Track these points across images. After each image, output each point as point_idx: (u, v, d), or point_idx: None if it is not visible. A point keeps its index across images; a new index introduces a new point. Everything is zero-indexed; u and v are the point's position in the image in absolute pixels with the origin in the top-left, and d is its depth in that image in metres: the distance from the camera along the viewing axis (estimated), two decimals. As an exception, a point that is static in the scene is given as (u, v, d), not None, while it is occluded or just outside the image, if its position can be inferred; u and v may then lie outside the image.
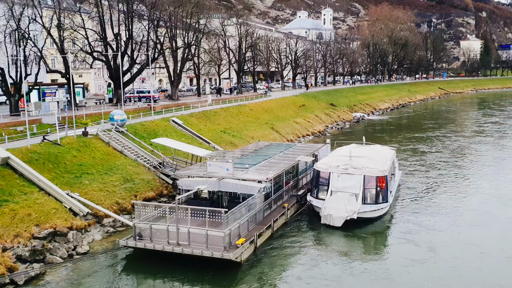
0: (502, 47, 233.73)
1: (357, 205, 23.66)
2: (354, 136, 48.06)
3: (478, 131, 59.58)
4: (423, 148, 46.94)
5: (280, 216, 23.57)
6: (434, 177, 34.19)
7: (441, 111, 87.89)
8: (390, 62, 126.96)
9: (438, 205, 27.22)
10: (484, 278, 17.99)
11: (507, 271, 18.49)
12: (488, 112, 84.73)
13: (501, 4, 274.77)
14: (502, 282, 17.61)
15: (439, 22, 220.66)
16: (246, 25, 73.39)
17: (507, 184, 31.83)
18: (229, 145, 39.35)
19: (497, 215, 25.25)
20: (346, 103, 76.55)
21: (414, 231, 23.09)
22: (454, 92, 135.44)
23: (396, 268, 19.00)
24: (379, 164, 25.95)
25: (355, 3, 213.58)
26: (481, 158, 41.93)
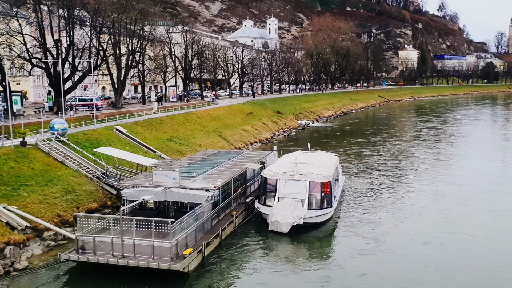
0: (437, 57, 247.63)
1: (303, 211, 24.09)
2: (300, 143, 49.06)
3: (416, 136, 63.04)
4: (365, 152, 48.89)
5: (228, 224, 23.56)
6: (376, 178, 36.12)
7: (381, 118, 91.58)
8: (333, 71, 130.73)
9: (380, 203, 29.10)
10: (422, 261, 20.14)
11: (441, 255, 20.80)
12: (425, 118, 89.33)
13: (435, 17, 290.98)
14: (437, 263, 19.85)
15: (379, 32, 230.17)
16: (192, 33, 73.15)
17: (441, 182, 35.00)
18: (175, 153, 38.89)
19: (432, 208, 27.98)
20: (292, 111, 77.95)
21: (358, 230, 24.31)
22: (393, 100, 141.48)
23: (341, 265, 20.19)
24: (324, 170, 26.64)
25: (299, 14, 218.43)
26: (419, 160, 44.95)
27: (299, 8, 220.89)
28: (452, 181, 35.25)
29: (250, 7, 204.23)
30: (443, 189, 32.77)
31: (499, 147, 54.74)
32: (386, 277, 18.80)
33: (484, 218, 26.02)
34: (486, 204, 28.75)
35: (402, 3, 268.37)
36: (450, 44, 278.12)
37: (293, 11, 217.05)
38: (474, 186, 33.55)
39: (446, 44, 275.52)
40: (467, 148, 52.86)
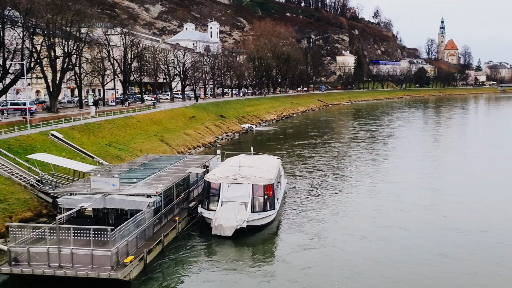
0: (372, 62, 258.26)
1: (247, 214, 24.27)
2: (243, 146, 49.43)
3: (353, 138, 65.56)
4: (307, 153, 50.28)
5: (171, 230, 23.27)
6: (317, 178, 37.49)
7: (321, 121, 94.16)
8: (274, 76, 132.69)
9: (321, 202, 30.34)
10: (361, 254, 21.67)
11: (378, 247, 22.35)
12: (362, 121, 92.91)
13: (371, 23, 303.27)
14: (375, 255, 21.41)
15: (318, 38, 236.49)
16: (132, 35, 71.53)
17: (376, 180, 37.15)
18: (115, 159, 37.82)
19: (368, 205, 29.75)
20: (235, 115, 78.26)
21: (300, 228, 25.25)
22: (332, 104, 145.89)
23: (285, 261, 21.10)
24: (266, 173, 27.01)
25: (240, 18, 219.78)
26: (356, 160, 47.02)
27: (240, 13, 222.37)
28: (387, 180, 37.38)
29: (191, 10, 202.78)
30: (378, 187, 34.79)
31: (430, 148, 58.26)
32: (328, 269, 20.02)
33: (416, 213, 27.97)
34: (418, 200, 30.86)
35: (340, 10, 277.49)
36: (384, 50, 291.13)
37: (234, 15, 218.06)
38: (407, 184, 35.71)
39: (381, 50, 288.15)
40: (401, 148, 55.77)
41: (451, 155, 51.35)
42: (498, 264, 20.37)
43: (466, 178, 38.02)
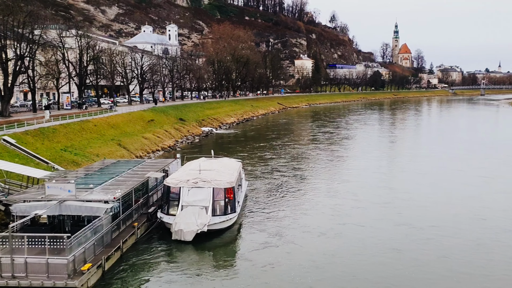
0: (329, 66, 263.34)
1: (207, 218, 24.15)
2: (203, 149, 49.21)
3: (312, 139, 66.99)
4: (267, 155, 50.86)
5: (129, 236, 22.88)
6: (277, 179, 38.24)
7: (281, 124, 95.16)
8: (234, 79, 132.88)
9: (281, 202, 31.11)
10: (320, 250, 22.73)
11: (336, 243, 23.60)
12: (320, 123, 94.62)
13: (327, 28, 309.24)
14: (333, 251, 22.55)
15: (276, 42, 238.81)
16: (87, 37, 69.76)
17: (334, 180, 38.52)
18: (71, 164, 36.77)
19: (327, 203, 30.90)
20: (195, 118, 77.80)
21: (262, 227, 25.80)
22: (291, 107, 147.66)
23: (247, 259, 21.69)
24: (227, 176, 27.00)
25: (199, 21, 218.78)
26: (315, 161, 48.22)
27: (199, 16, 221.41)
28: (344, 179, 38.72)
29: (148, 12, 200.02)
30: (336, 186, 36.10)
31: (385, 148, 60.29)
32: (289, 265, 20.78)
33: (371, 210, 29.20)
34: (373, 198, 32.17)
35: (297, 14, 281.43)
36: (341, 54, 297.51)
37: (193, 18, 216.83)
38: (363, 183, 37.07)
39: (338, 54, 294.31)
40: (358, 149, 57.46)
41: (405, 155, 53.43)
42: (446, 256, 21.62)
43: (418, 176, 39.83)
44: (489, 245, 22.95)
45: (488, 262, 20.99)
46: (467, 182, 37.29)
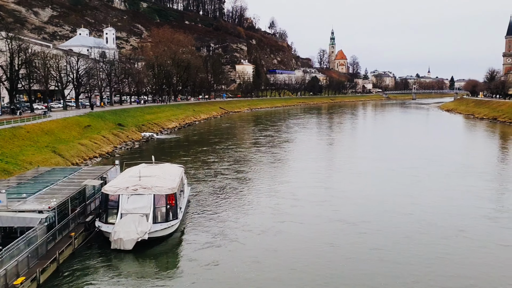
0: (270, 71, 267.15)
1: (148, 225, 23.74)
2: (144, 155, 48.35)
3: (254, 143, 68.02)
4: (210, 159, 51.00)
5: (66, 247, 22.07)
6: (221, 182, 38.74)
7: (223, 128, 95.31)
8: (175, 83, 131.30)
9: (224, 203, 31.70)
10: (261, 246, 23.89)
11: (277, 240, 24.77)
12: (262, 127, 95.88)
13: (267, 34, 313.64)
14: (274, 247, 23.73)
15: (217, 47, 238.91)
16: (19, 40, 66.28)
17: (275, 181, 39.76)
18: (1, 173, 34.80)
19: (267, 203, 32.02)
20: (134, 123, 76.09)
21: (205, 229, 26.23)
22: (233, 112, 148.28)
23: (191, 259, 22.23)
24: (168, 182, 26.65)
25: (137, 24, 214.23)
26: (257, 163, 49.21)
27: (138, 19, 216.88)
28: (284, 180, 40.08)
29: (84, 15, 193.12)
30: (276, 187, 37.40)
31: (323, 150, 62.38)
32: (232, 262, 21.61)
33: (309, 208, 30.63)
34: (311, 197, 33.61)
35: (237, 20, 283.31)
36: (280, 60, 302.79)
37: (131, 22, 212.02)
38: (302, 183, 38.56)
39: (277, 60, 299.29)
40: (297, 151, 59.24)
41: (342, 156, 55.60)
42: (377, 249, 23.16)
43: (353, 176, 41.96)
44: (417, 237, 24.86)
45: (415, 253, 22.65)
46: (398, 181, 39.72)
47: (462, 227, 26.50)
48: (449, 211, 29.67)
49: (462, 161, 50.47)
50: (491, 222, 27.55)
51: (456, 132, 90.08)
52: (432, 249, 23.10)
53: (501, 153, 59.40)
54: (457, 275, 20.17)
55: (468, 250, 23.12)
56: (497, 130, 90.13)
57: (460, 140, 75.64)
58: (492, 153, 58.18)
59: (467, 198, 33.30)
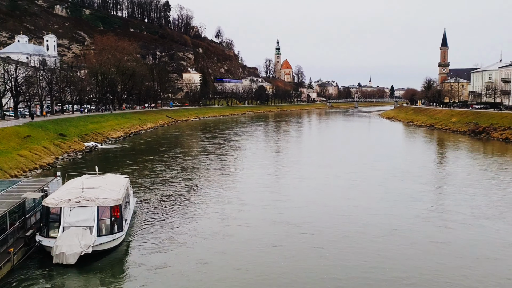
0: (217, 80, 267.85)
1: (92, 239, 23.17)
2: (87, 166, 47.30)
3: (203, 151, 68.29)
4: (158, 168, 50.69)
5: (4, 263, 21.18)
6: (168, 190, 38.84)
7: (171, 137, 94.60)
8: (119, 92, 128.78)
9: (172, 212, 31.89)
10: (210, 249, 24.67)
11: (224, 243, 25.67)
12: (210, 135, 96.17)
13: (214, 43, 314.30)
14: (222, 249, 24.73)
15: (163, 55, 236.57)
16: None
17: (222, 188, 40.60)
18: None
19: (215, 208, 32.98)
20: (77, 133, 73.99)
21: (153, 235, 26.52)
22: (181, 120, 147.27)
23: (139, 264, 22.68)
24: (113, 193, 26.13)
25: (80, 32, 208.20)
26: (205, 170, 49.64)
27: (80, 26, 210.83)
28: (231, 186, 40.92)
29: (23, 21, 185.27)
30: (224, 193, 38.23)
31: (269, 157, 63.78)
32: (180, 265, 22.24)
33: (255, 212, 31.79)
34: (256, 201, 34.77)
35: (184, 28, 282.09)
36: (228, 69, 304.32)
37: (73, 29, 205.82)
38: (248, 189, 39.66)
39: (225, 68, 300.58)
40: (245, 158, 60.35)
41: (287, 162, 57.23)
42: (318, 247, 24.73)
43: (297, 181, 43.52)
44: (354, 236, 26.56)
45: (352, 250, 24.31)
46: (339, 185, 41.66)
47: (396, 226, 28.38)
48: (384, 212, 31.65)
49: (400, 166, 53.26)
50: (423, 221, 29.60)
51: (396, 139, 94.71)
52: (367, 246, 24.80)
53: (436, 158, 63.33)
54: (389, 269, 21.71)
55: (400, 246, 24.88)
56: (434, 137, 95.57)
57: (399, 146, 79.65)
58: (427, 158, 61.77)
59: (401, 199, 35.52)
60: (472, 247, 24.75)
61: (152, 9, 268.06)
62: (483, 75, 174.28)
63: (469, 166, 54.36)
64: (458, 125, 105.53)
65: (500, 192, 37.99)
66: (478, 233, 27.07)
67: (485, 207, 32.84)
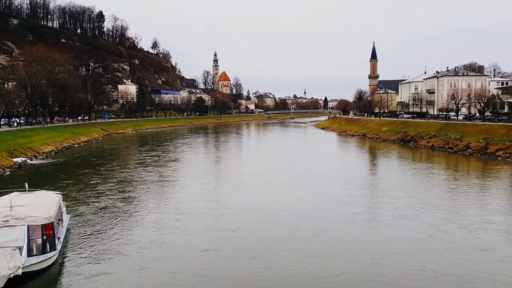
0: (154, 91, 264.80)
1: (22, 259, 21.94)
2: (16, 183, 45.63)
3: (140, 163, 68.01)
4: (93, 182, 49.81)
5: None
6: (105, 203, 38.55)
7: (106, 150, 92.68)
8: (50, 104, 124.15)
9: (109, 225, 31.71)
10: (148, 256, 25.38)
11: (162, 250, 26.42)
12: (148, 148, 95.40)
13: (150, 54, 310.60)
14: (157, 254, 25.58)
15: (97, 66, 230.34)
16: None
17: (159, 198, 41.01)
18: None
19: (152, 218, 33.56)
20: (4, 148, 70.74)
21: (89, 249, 26.46)
22: (117, 133, 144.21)
23: (73, 274, 22.86)
24: (44, 211, 24.94)
25: (7, 42, 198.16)
26: (143, 182, 49.70)
27: (7, 36, 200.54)
28: (169, 196, 41.72)
29: None
30: (161, 203, 38.88)
31: (208, 168, 64.48)
32: (118, 272, 22.93)
33: (191, 219, 32.92)
34: (193, 210, 35.74)
35: (118, 39, 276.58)
36: (165, 80, 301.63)
37: (0, 39, 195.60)
38: (185, 198, 40.56)
39: (162, 80, 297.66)
40: (183, 170, 60.86)
41: (225, 172, 58.67)
42: (249, 249, 26.28)
43: (234, 189, 44.96)
44: (284, 238, 28.35)
45: (281, 250, 26.10)
46: (273, 192, 43.44)
47: (324, 228, 30.49)
48: (314, 216, 33.84)
49: (331, 173, 56.23)
50: (349, 222, 31.95)
51: (330, 148, 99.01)
52: (295, 247, 26.62)
53: (367, 165, 67.31)
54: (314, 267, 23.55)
55: (326, 246, 26.93)
56: (365, 145, 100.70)
57: (332, 155, 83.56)
58: (358, 166, 65.47)
59: (330, 204, 37.94)
60: (390, 244, 27.22)
61: (85, 19, 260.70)
62: (410, 86, 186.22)
63: (396, 172, 58.37)
64: (388, 134, 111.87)
65: (421, 195, 41.48)
66: (396, 231, 29.74)
67: (406, 209, 35.85)
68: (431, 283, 21.43)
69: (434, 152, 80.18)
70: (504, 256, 25.02)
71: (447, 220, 32.10)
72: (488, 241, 27.48)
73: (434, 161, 68.80)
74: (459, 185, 46.58)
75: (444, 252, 25.67)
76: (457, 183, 47.93)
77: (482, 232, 29.18)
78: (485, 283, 21.39)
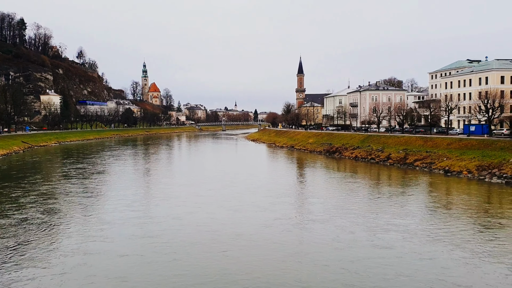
0: (79, 102, 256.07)
1: None
2: None
3: (64, 176, 66.90)
4: (14, 195, 48.60)
5: None
6: (26, 216, 38.20)
7: (28, 163, 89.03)
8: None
9: (30, 236, 31.99)
10: (71, 262, 26.11)
11: (83, 257, 27.32)
12: (73, 160, 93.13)
13: (75, 63, 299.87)
14: (82, 261, 26.21)
15: (18, 76, 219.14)
16: None
17: (84, 210, 41.31)
18: None
19: (76, 229, 34.06)
20: None
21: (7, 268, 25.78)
22: (39, 146, 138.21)
23: None
24: None
25: None
26: (67, 194, 49.38)
27: None
28: (93, 208, 42.37)
29: None
30: (85, 214, 39.51)
31: (136, 179, 64.98)
32: (38, 279, 23.67)
33: (115, 229, 33.99)
34: (118, 220, 36.90)
35: (41, 48, 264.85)
36: (91, 90, 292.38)
37: None
38: (110, 209, 41.49)
39: (88, 90, 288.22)
40: (110, 181, 60.84)
41: (153, 183, 59.51)
42: (170, 253, 27.98)
43: (160, 199, 46.33)
44: (205, 242, 30.45)
45: (200, 253, 28.11)
46: (198, 201, 45.15)
47: (243, 232, 32.96)
48: (235, 221, 36.31)
49: (256, 182, 59.00)
50: (266, 227, 34.67)
51: (259, 159, 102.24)
52: (214, 249, 28.79)
53: (292, 175, 70.96)
54: (229, 267, 25.67)
55: (243, 247, 29.32)
56: (293, 156, 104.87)
57: (261, 165, 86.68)
58: (283, 175, 68.89)
59: (251, 210, 40.57)
60: (300, 244, 30.34)
61: (5, 26, 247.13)
62: (334, 100, 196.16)
63: (319, 181, 62.19)
64: (315, 146, 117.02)
65: (336, 201, 45.07)
66: (308, 234, 32.90)
67: (320, 213, 39.17)
68: (333, 277, 24.36)
69: (358, 163, 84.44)
70: (400, 252, 28.60)
71: (355, 223, 35.60)
72: (389, 240, 31.08)
73: (357, 171, 72.93)
74: (373, 193, 50.72)
75: (348, 250, 28.89)
76: (372, 191, 52.11)
77: (384, 233, 32.82)
78: (381, 276, 24.59)
